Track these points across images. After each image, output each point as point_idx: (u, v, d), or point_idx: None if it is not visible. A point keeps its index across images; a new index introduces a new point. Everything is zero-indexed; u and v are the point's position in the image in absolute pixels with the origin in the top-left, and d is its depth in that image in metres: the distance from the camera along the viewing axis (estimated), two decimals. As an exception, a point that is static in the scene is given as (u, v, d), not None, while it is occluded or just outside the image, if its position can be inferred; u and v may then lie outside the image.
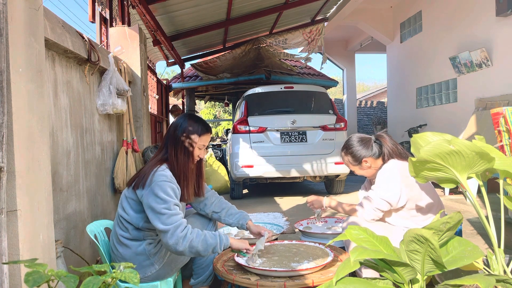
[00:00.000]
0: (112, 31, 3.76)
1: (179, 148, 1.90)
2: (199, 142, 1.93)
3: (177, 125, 1.94)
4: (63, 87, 2.30)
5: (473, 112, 6.09)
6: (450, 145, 1.41)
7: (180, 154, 1.90)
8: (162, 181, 1.77)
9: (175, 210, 1.76)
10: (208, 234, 1.79)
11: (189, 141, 1.91)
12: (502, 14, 5.56)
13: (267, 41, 8.06)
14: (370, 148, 2.14)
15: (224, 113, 21.51)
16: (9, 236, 1.25)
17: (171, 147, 1.91)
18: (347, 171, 5.90)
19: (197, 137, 1.92)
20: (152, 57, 7.82)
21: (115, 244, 1.90)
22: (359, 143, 2.16)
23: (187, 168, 1.92)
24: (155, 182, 1.77)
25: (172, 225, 1.71)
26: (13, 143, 1.26)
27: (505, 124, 2.37)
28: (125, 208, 1.87)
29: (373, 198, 2.06)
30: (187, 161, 1.91)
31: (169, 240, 1.70)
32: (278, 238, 2.50)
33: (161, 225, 1.72)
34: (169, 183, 1.79)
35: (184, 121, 1.94)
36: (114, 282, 0.99)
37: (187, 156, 1.91)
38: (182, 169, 1.90)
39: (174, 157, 1.90)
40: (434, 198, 2.10)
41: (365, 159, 2.15)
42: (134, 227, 1.85)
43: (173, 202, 1.77)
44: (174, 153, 1.90)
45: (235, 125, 5.94)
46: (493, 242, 1.48)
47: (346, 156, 2.21)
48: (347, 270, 1.29)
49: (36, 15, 1.46)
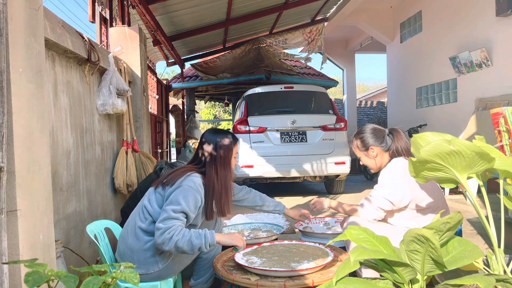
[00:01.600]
0: (112, 31, 3.76)
1: (218, 164, 1.98)
2: (234, 153, 2.04)
3: (211, 143, 2.01)
4: (63, 87, 2.30)
5: (473, 112, 6.09)
6: (450, 145, 1.41)
7: (221, 170, 1.98)
8: (189, 187, 1.84)
9: (177, 215, 1.79)
10: (193, 234, 1.81)
11: (227, 155, 2.00)
12: (502, 14, 5.56)
13: (267, 41, 8.06)
14: (380, 139, 2.16)
15: (224, 113, 21.51)
16: (9, 236, 1.25)
17: (210, 164, 1.97)
18: (347, 171, 5.90)
19: (232, 150, 2.03)
20: (152, 57, 7.82)
21: (128, 234, 1.92)
22: (372, 131, 2.20)
23: (228, 182, 2.00)
24: (184, 185, 1.84)
25: (165, 226, 1.75)
26: (13, 143, 1.26)
27: (505, 124, 2.37)
28: (151, 200, 1.92)
29: (375, 197, 2.06)
30: (227, 175, 2.00)
31: (157, 238, 1.76)
32: (278, 238, 2.50)
33: (158, 222, 1.78)
34: (194, 192, 1.84)
35: (217, 137, 2.02)
36: (114, 282, 0.99)
37: (227, 170, 2.00)
38: (224, 184, 1.97)
39: (214, 174, 1.96)
40: (439, 200, 2.07)
41: (372, 147, 2.17)
42: (152, 220, 1.89)
43: (184, 210, 1.81)
44: (215, 170, 1.97)
45: (235, 125, 5.94)
46: (493, 242, 1.48)
47: (356, 140, 2.25)
48: (347, 270, 1.29)
49: (36, 15, 1.46)
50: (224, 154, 1.99)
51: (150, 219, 1.89)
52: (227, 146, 2.01)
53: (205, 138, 2.05)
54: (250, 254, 2.00)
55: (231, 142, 2.03)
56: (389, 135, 2.18)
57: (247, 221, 2.99)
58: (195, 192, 1.85)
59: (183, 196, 1.81)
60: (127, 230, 1.94)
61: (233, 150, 2.04)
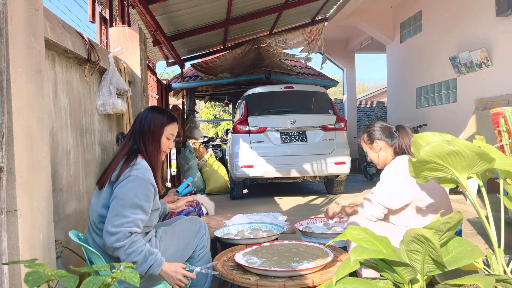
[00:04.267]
0: (112, 31, 3.76)
1: (147, 139, 1.89)
2: (166, 131, 1.94)
3: (142, 118, 1.94)
4: (63, 87, 2.30)
5: (473, 112, 6.09)
6: (450, 145, 1.41)
7: (148, 145, 1.89)
8: (138, 177, 1.72)
9: (136, 215, 1.68)
10: (140, 260, 1.66)
11: (156, 131, 1.91)
12: (502, 14, 5.56)
13: (267, 41, 8.05)
14: (386, 134, 2.21)
15: (224, 113, 21.52)
16: (9, 236, 1.25)
17: (139, 139, 1.90)
18: (347, 171, 5.90)
19: (164, 127, 1.93)
20: (152, 57, 7.81)
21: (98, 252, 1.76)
22: (379, 126, 2.26)
23: (157, 159, 1.91)
24: (134, 176, 1.72)
25: (117, 229, 1.63)
26: (13, 143, 1.26)
27: (505, 124, 2.37)
28: (101, 213, 1.75)
29: (376, 193, 2.06)
30: (156, 153, 1.91)
31: (108, 242, 1.63)
32: (278, 238, 2.50)
33: (110, 226, 1.64)
34: (145, 182, 1.73)
35: (148, 113, 1.95)
36: (114, 282, 0.99)
37: (156, 147, 1.91)
38: (150, 159, 1.88)
39: (143, 149, 1.88)
40: (442, 199, 2.07)
41: (377, 141, 2.21)
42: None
43: (139, 205, 1.69)
44: (143, 144, 1.89)
45: (235, 125, 5.94)
46: (493, 242, 1.48)
47: (363, 134, 2.31)
48: (347, 270, 1.29)
49: (36, 15, 1.46)
50: (153, 130, 1.90)
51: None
52: (158, 121, 1.91)
53: (139, 113, 1.99)
54: (250, 254, 2.00)
55: (164, 119, 1.94)
56: (396, 131, 2.22)
57: (247, 221, 2.99)
58: (143, 181, 1.73)
59: (130, 188, 1.69)
60: (96, 250, 1.78)
61: (165, 128, 1.93)
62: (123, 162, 1.81)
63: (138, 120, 1.95)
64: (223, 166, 7.31)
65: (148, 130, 1.90)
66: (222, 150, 8.94)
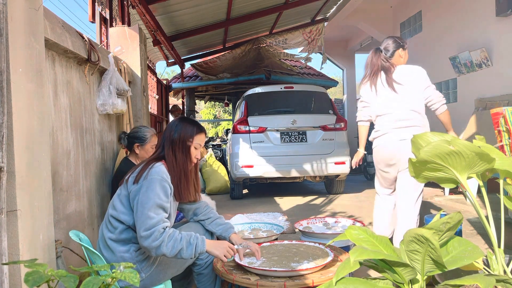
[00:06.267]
0: (112, 31, 3.76)
1: (176, 147, 1.95)
2: (195, 141, 1.99)
3: (172, 127, 2.00)
4: (63, 87, 2.30)
5: (473, 112, 6.09)
6: (450, 145, 1.41)
7: (178, 153, 1.95)
8: (153, 179, 1.78)
9: (155, 214, 1.74)
10: (185, 245, 1.75)
11: (185, 140, 1.97)
12: (502, 14, 5.56)
13: (267, 41, 8.06)
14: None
15: (224, 113, 21.52)
16: (9, 236, 1.25)
17: (168, 146, 1.96)
18: (347, 171, 5.90)
19: (193, 137, 1.99)
20: (152, 57, 7.82)
21: (101, 249, 1.85)
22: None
23: (186, 168, 1.96)
24: (148, 179, 1.78)
25: (149, 233, 1.69)
26: (13, 143, 1.26)
27: (505, 124, 2.37)
28: (116, 205, 1.85)
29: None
30: (186, 161, 1.96)
31: (144, 244, 1.70)
32: (278, 238, 2.50)
33: (141, 230, 1.71)
34: (161, 181, 1.79)
35: (179, 123, 2.01)
36: (114, 282, 0.99)
37: (187, 156, 1.97)
38: (182, 167, 1.94)
39: (172, 156, 1.93)
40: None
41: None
42: (123, 226, 1.82)
43: (158, 204, 1.75)
44: (172, 152, 1.94)
45: (235, 125, 5.94)
46: (493, 242, 1.48)
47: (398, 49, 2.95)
48: (347, 270, 1.29)
49: (36, 15, 1.46)
50: (183, 138, 1.95)
51: (121, 226, 1.82)
52: (187, 131, 1.97)
53: (169, 123, 2.04)
54: (250, 254, 2.00)
55: (194, 129, 1.99)
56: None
57: (247, 221, 2.99)
58: (161, 181, 1.79)
59: (151, 190, 1.76)
60: (99, 246, 1.88)
61: (194, 138, 1.98)
62: (143, 165, 1.89)
63: (169, 129, 2.01)
64: (223, 166, 7.30)
65: (178, 139, 1.96)
66: (222, 150, 8.93)
